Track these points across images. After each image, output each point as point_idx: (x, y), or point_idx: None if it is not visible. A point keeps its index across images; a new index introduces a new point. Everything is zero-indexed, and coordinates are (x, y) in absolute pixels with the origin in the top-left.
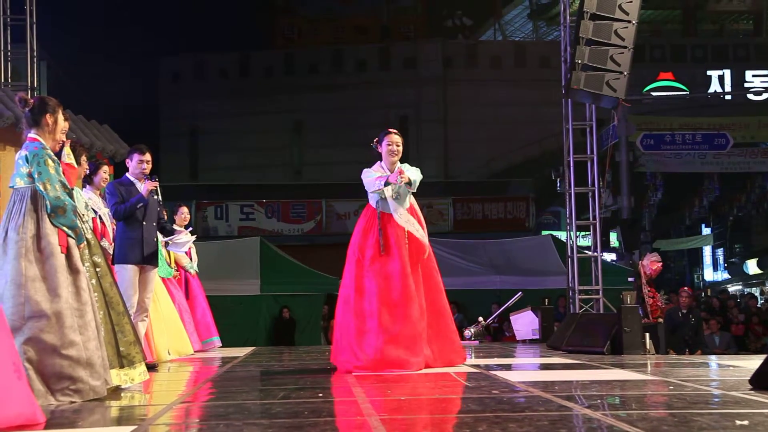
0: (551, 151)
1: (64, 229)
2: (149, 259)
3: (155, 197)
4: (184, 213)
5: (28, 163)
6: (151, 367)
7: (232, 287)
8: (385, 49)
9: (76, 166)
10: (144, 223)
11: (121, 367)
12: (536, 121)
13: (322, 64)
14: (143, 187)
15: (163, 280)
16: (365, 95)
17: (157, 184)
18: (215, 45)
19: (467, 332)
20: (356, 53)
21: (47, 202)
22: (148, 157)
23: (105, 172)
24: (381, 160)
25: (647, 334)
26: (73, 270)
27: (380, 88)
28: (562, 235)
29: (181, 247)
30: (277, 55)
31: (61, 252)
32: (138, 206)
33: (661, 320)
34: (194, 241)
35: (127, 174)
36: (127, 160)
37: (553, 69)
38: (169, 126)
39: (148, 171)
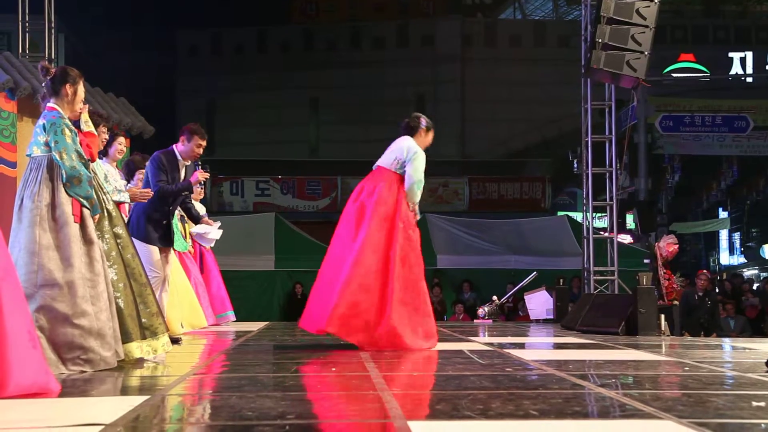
0: (568, 131)
1: (79, 199)
2: (167, 241)
3: (199, 188)
4: (199, 189)
5: (45, 131)
6: (175, 341)
7: (246, 262)
8: (403, 27)
9: (95, 133)
10: (171, 207)
11: (144, 338)
12: (554, 101)
13: (340, 41)
14: (193, 175)
15: (179, 253)
16: (383, 73)
17: (207, 175)
18: (233, 20)
19: (481, 311)
20: (374, 30)
21: (63, 172)
22: (205, 143)
23: (120, 144)
24: (413, 136)
25: (662, 316)
26: (86, 240)
27: (398, 66)
28: (578, 216)
29: (210, 242)
30: (294, 31)
31: (75, 222)
32: (183, 194)
33: (676, 302)
34: (209, 216)
35: (175, 148)
36: (183, 138)
37: (572, 48)
38: (185, 100)
39: (198, 156)
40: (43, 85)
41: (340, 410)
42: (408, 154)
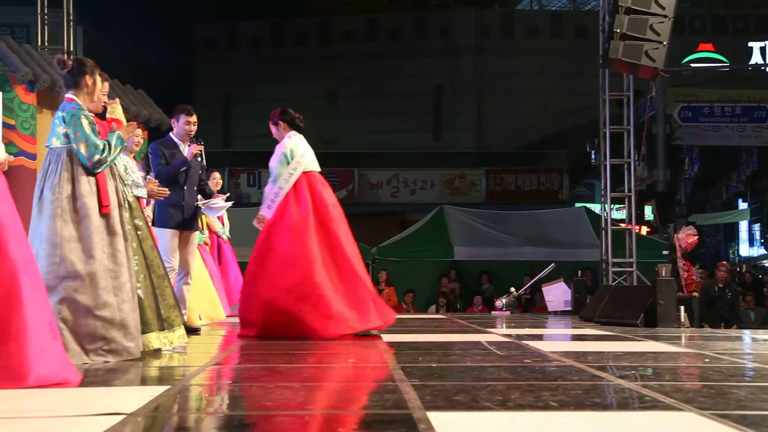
0: (586, 122)
1: (113, 163)
2: (189, 223)
3: (199, 160)
4: (216, 179)
5: (65, 123)
6: (193, 331)
7: None
8: (420, 18)
9: (123, 122)
10: (185, 187)
11: (161, 330)
12: (571, 92)
13: (356, 33)
14: (188, 150)
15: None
16: (399, 64)
17: (202, 147)
18: (249, 12)
19: (498, 302)
20: (391, 22)
21: (86, 162)
22: (194, 118)
23: (138, 136)
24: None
25: (682, 307)
26: (110, 231)
27: (414, 58)
28: (595, 208)
29: (216, 211)
30: (311, 23)
31: (104, 212)
32: (181, 170)
33: (695, 294)
34: (227, 208)
35: (171, 134)
36: (173, 120)
37: (589, 39)
38: (202, 93)
39: (193, 132)
40: (62, 77)
41: (359, 401)
42: None
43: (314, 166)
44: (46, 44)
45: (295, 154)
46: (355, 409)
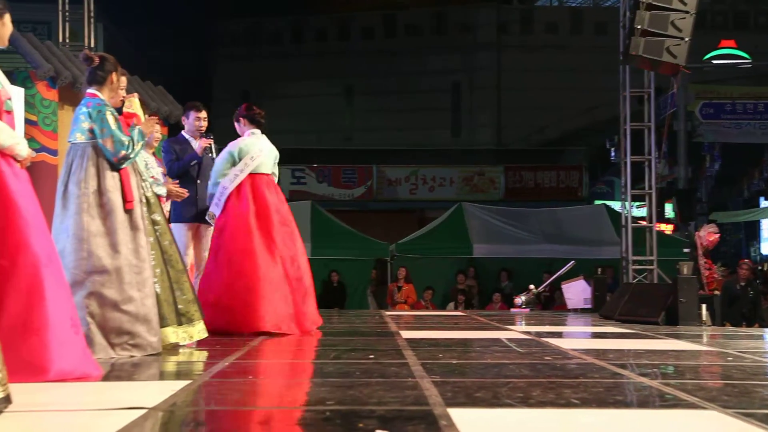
0: (605, 119)
1: (139, 156)
2: (202, 218)
3: (210, 155)
4: None
5: (90, 119)
6: None
7: None
8: (440, 14)
9: (141, 116)
10: (198, 181)
11: (180, 324)
12: (591, 89)
13: (375, 29)
14: (198, 144)
15: None
16: (418, 61)
17: (211, 141)
18: (269, 9)
19: (518, 300)
20: (410, 18)
21: (111, 158)
22: (204, 114)
23: (158, 132)
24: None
25: (704, 306)
26: (133, 227)
27: (434, 54)
28: (615, 205)
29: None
30: (330, 20)
31: (128, 207)
32: (191, 164)
33: (717, 292)
34: None
35: (182, 132)
36: (183, 118)
37: (609, 36)
38: (222, 89)
39: (204, 128)
40: (86, 73)
41: (379, 397)
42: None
43: (264, 168)
44: (68, 41)
45: (244, 155)
46: (375, 405)
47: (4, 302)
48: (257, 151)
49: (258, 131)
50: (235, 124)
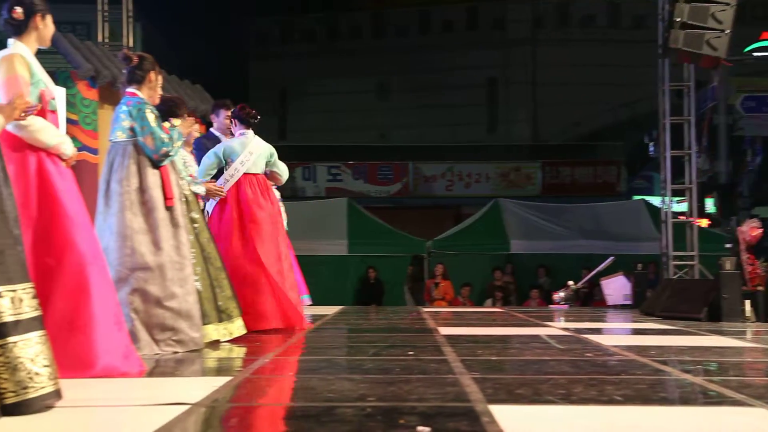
0: (643, 114)
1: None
2: None
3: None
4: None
5: (131, 117)
6: None
7: (319, 247)
8: (473, 10)
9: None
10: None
11: (220, 321)
12: (628, 83)
13: (409, 26)
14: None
15: None
16: (453, 57)
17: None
18: (303, 6)
19: (556, 296)
20: (444, 14)
21: (152, 155)
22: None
23: (196, 131)
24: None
25: (747, 302)
26: (174, 224)
27: (468, 50)
28: (654, 200)
29: None
30: (364, 17)
31: (168, 204)
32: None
33: (760, 288)
34: (283, 201)
35: (212, 129)
36: (213, 116)
37: (647, 29)
38: (258, 87)
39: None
40: (125, 71)
41: (420, 393)
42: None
43: (255, 168)
44: (107, 40)
45: (231, 158)
46: (416, 402)
47: (51, 300)
48: (246, 154)
49: (250, 132)
50: (230, 123)
